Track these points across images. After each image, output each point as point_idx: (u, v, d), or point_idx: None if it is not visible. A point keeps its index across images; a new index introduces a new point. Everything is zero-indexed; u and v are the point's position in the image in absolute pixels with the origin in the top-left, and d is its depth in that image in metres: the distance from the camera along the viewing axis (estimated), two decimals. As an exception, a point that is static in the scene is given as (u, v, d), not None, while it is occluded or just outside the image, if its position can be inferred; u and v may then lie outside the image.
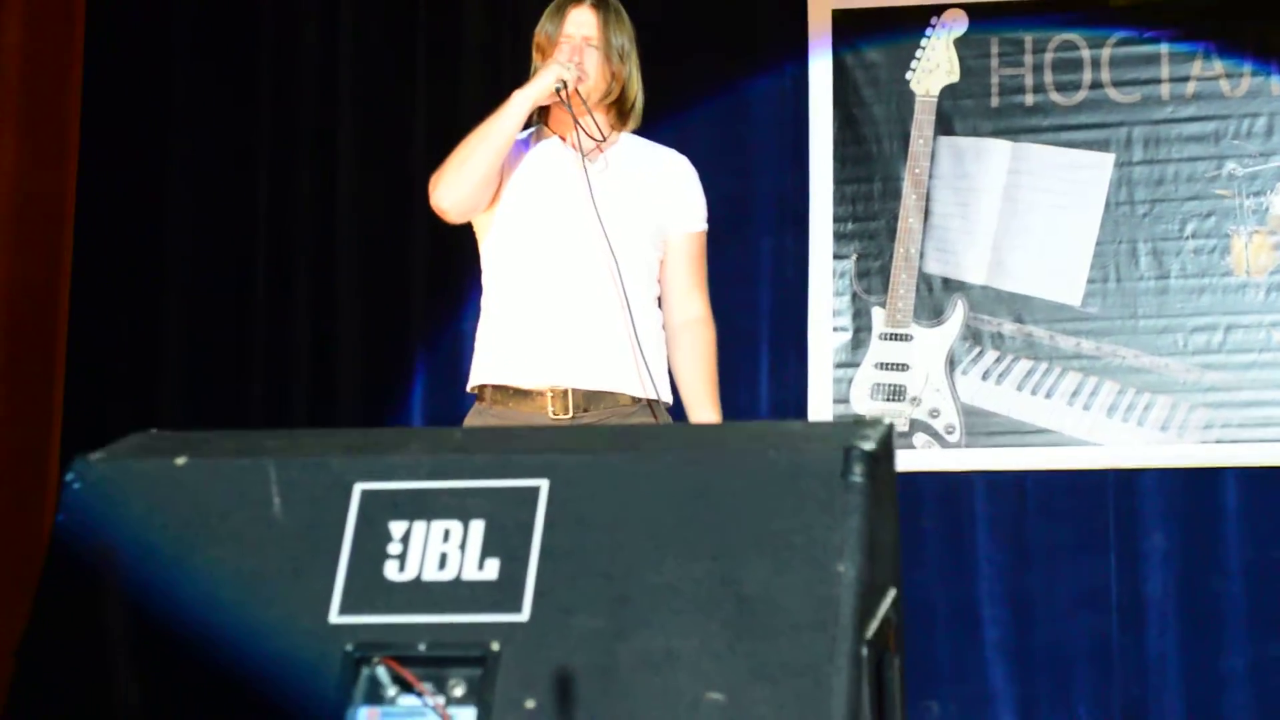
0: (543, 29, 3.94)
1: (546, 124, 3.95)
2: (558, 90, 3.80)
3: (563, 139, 3.94)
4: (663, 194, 3.98)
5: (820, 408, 5.93)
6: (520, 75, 4.01)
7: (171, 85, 6.30)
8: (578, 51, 3.87)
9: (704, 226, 4.06)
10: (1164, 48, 5.96)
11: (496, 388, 3.84)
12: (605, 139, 3.93)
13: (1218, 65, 5.92)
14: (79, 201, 6.04)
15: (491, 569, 2.00)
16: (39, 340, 5.83)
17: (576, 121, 3.83)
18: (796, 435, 2.09)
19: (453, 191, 3.82)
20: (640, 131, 4.09)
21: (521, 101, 3.79)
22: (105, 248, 6.18)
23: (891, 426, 2.11)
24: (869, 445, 2.01)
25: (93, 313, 6.14)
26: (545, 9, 4.00)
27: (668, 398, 3.91)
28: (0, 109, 5.77)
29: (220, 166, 6.26)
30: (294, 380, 6.14)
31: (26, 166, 5.82)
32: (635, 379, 3.80)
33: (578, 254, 3.84)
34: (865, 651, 1.92)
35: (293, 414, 6.06)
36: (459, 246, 4.60)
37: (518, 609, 1.98)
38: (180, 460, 2.09)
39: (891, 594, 2.08)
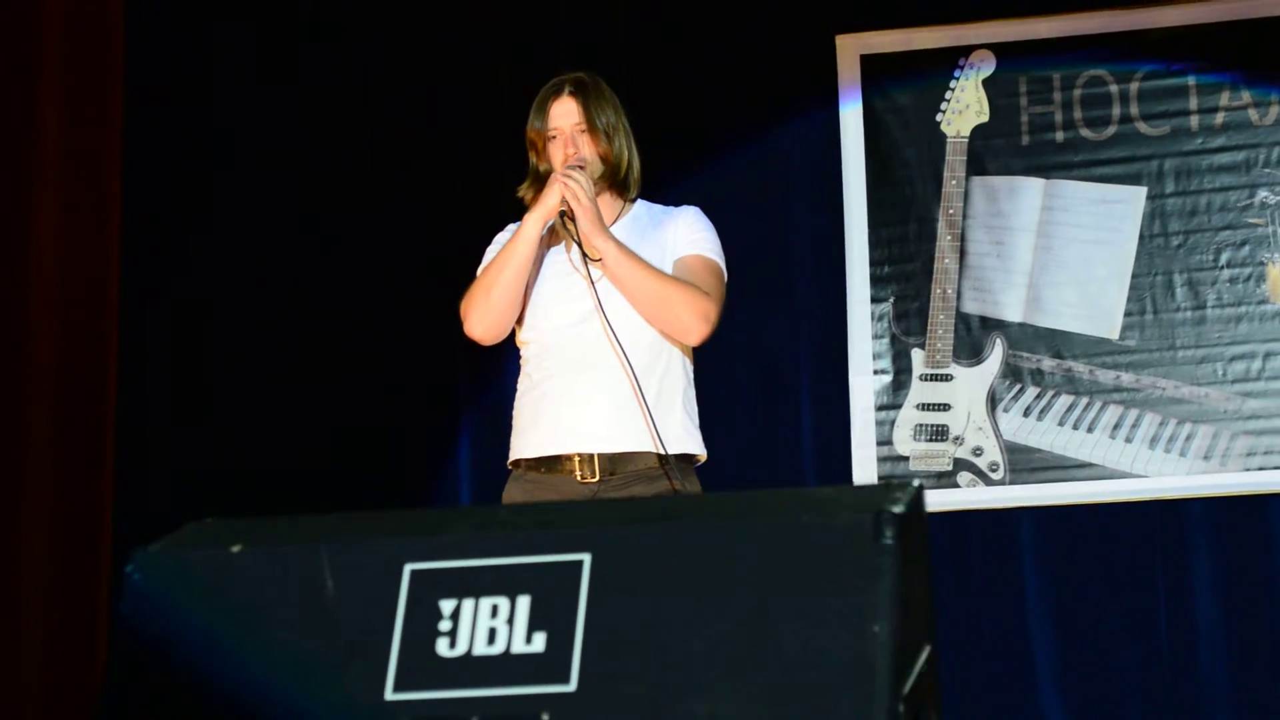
0: (531, 125, 4.06)
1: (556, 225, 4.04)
2: (562, 214, 3.92)
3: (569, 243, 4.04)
4: (660, 250, 4.05)
5: (863, 451, 5.98)
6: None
7: (212, 169, 6.39)
8: (570, 143, 4.00)
9: (693, 251, 4.05)
10: (1191, 80, 6.01)
11: (530, 461, 3.99)
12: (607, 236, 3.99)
13: (1245, 95, 5.96)
14: (123, 267, 6.11)
15: (539, 642, 2.07)
16: (88, 413, 5.91)
17: (579, 240, 3.92)
18: (829, 501, 2.15)
19: (482, 322, 4.00)
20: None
21: (533, 224, 3.93)
22: (153, 318, 6.27)
23: (921, 488, 2.17)
24: (899, 508, 2.07)
25: (141, 371, 6.20)
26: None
27: (700, 451, 4.02)
28: (41, 185, 5.85)
29: (264, 237, 6.33)
30: (341, 427, 6.20)
31: (69, 238, 5.91)
32: (651, 441, 3.91)
33: (587, 338, 3.95)
34: (902, 708, 1.98)
35: (343, 464, 6.12)
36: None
37: (565, 680, 2.04)
38: (235, 548, 2.16)
39: (926, 650, 2.14)
